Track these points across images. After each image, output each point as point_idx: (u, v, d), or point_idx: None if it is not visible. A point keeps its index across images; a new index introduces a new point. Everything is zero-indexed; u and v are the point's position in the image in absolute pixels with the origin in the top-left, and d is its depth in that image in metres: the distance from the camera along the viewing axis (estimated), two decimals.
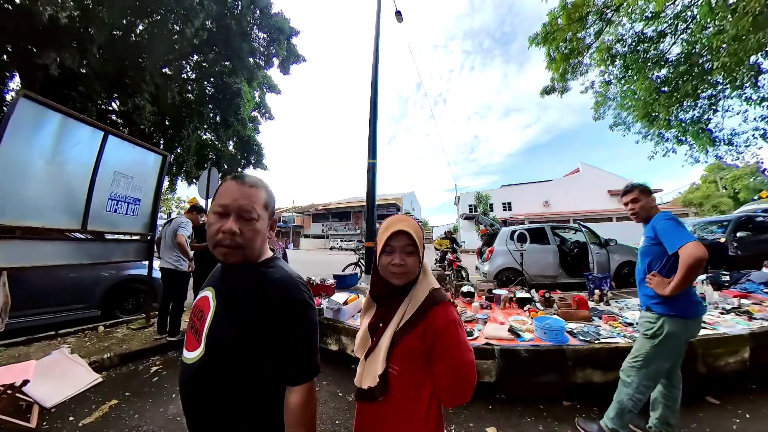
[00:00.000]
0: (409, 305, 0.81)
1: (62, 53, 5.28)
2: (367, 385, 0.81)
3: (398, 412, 0.79)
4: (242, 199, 0.70)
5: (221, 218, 0.69)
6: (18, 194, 2.48)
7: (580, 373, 2.10)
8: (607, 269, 5.34)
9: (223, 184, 0.75)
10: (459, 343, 0.75)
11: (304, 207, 43.55)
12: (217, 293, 0.75)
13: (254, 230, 0.71)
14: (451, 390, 0.75)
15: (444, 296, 0.82)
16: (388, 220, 0.86)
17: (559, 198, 28.15)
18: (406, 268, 0.80)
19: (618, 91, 7.19)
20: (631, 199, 1.69)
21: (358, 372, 0.86)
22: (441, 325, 0.76)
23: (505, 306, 3.40)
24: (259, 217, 0.72)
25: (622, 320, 2.72)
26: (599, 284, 3.85)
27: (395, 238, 0.81)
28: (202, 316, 0.73)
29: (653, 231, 1.59)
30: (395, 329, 0.80)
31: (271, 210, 0.79)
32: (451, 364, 0.74)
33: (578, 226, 5.77)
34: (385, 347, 0.79)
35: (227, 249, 0.68)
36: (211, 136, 10.17)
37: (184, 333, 3.50)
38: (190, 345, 0.74)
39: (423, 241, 0.85)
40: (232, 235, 0.67)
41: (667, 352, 1.55)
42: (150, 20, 6.92)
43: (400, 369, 0.78)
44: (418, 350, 0.77)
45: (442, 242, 7.52)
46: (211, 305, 0.73)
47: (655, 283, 1.55)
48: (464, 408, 2.12)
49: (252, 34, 9.16)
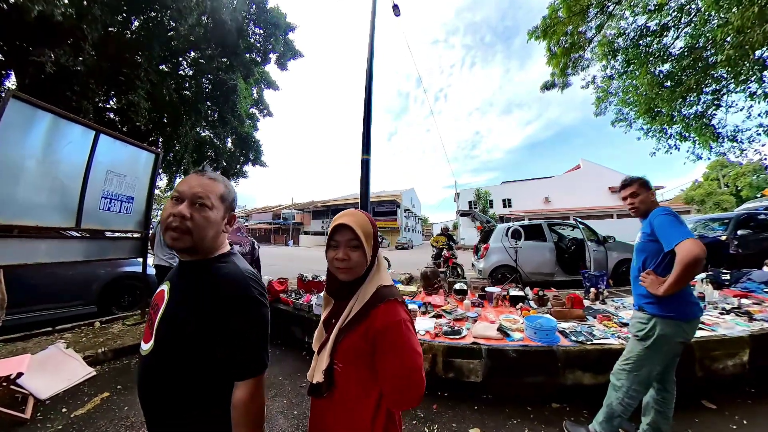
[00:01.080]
0: (356, 302, 0.78)
1: (57, 50, 5.26)
2: (315, 380, 0.80)
3: (345, 409, 0.77)
4: (198, 187, 0.72)
5: (176, 204, 0.70)
6: (12, 194, 2.51)
7: (570, 375, 2.04)
8: (604, 267, 5.29)
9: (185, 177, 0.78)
10: (402, 345, 0.71)
11: (303, 204, 43.53)
12: (172, 287, 0.76)
13: (206, 218, 0.72)
14: (395, 394, 0.71)
15: (392, 293, 0.78)
16: (338, 214, 0.84)
17: (560, 195, 28.05)
18: (350, 263, 0.77)
19: (620, 86, 7.06)
20: (630, 193, 1.61)
21: (311, 366, 0.85)
22: (383, 326, 0.72)
23: (498, 304, 3.35)
24: (213, 206, 0.73)
25: (617, 320, 2.65)
26: (595, 282, 3.79)
27: (339, 232, 0.79)
28: (157, 309, 0.74)
29: (650, 227, 1.51)
30: (340, 326, 0.78)
31: (229, 203, 0.79)
32: (393, 366, 0.70)
33: (576, 222, 5.69)
34: (331, 343, 0.78)
35: (176, 233, 0.69)
36: (210, 134, 10.16)
37: None
38: (145, 338, 0.74)
39: (374, 237, 0.82)
40: (182, 219, 0.68)
41: (658, 356, 1.47)
42: (144, 17, 6.87)
43: (344, 366, 0.76)
44: (361, 349, 0.74)
45: (438, 239, 7.47)
46: (165, 298, 0.74)
47: (649, 282, 1.47)
48: (448, 408, 2.08)
49: (248, 30, 9.11)
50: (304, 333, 3.18)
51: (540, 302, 3.29)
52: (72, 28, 5.45)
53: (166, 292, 0.75)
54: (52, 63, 5.24)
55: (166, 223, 0.69)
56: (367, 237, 0.79)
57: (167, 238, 0.70)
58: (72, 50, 5.57)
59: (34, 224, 2.70)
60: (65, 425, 1.96)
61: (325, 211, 38.42)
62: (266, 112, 11.41)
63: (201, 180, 0.74)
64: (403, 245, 27.57)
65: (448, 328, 2.52)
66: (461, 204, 31.19)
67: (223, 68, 8.71)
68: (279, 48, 9.86)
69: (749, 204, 8.16)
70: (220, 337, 0.67)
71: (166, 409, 0.69)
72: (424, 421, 1.96)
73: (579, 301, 2.96)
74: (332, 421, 0.78)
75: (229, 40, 8.38)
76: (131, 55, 6.79)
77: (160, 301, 0.75)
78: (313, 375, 0.82)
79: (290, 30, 10.05)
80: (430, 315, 2.99)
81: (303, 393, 2.32)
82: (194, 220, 0.70)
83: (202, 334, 0.67)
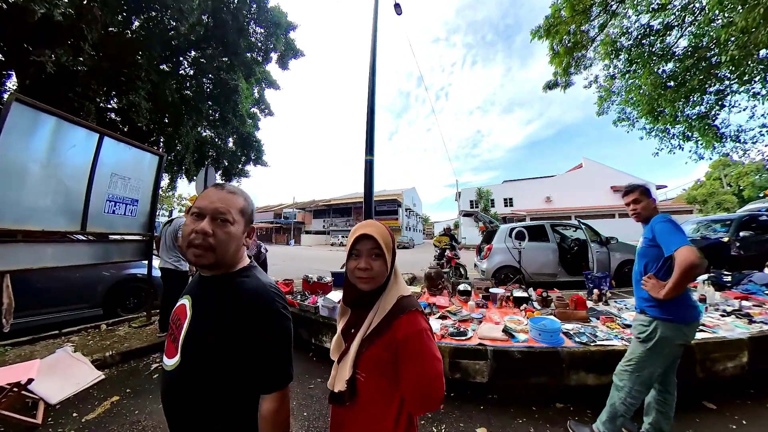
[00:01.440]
0: (377, 313, 0.80)
1: (57, 50, 5.25)
2: (338, 389, 0.81)
3: (366, 417, 0.79)
4: (218, 203, 0.72)
5: (197, 220, 0.70)
6: (16, 198, 2.50)
7: (574, 376, 2.08)
8: (607, 268, 5.30)
9: (204, 190, 0.77)
10: (424, 353, 0.73)
11: (305, 203, 43.55)
12: (194, 301, 0.76)
13: (228, 233, 0.72)
14: (417, 400, 0.74)
15: (412, 304, 0.80)
16: (358, 224, 0.86)
17: (562, 194, 27.99)
18: (372, 273, 0.80)
19: (622, 85, 7.04)
20: (633, 200, 1.68)
21: (331, 375, 0.87)
22: (405, 336, 0.74)
23: (502, 305, 3.38)
24: (234, 221, 0.73)
25: (620, 321, 2.69)
26: (598, 283, 3.82)
27: (361, 242, 0.81)
28: (179, 324, 0.74)
29: (652, 232, 1.57)
30: (362, 337, 0.80)
31: (249, 217, 0.79)
32: (415, 374, 0.73)
33: (578, 223, 5.70)
34: (353, 354, 0.80)
35: (199, 249, 0.68)
36: (211, 133, 10.13)
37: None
38: (169, 352, 0.75)
39: (392, 247, 0.84)
40: (204, 236, 0.68)
41: (659, 357, 1.52)
42: (145, 16, 6.86)
43: (367, 376, 0.78)
44: (384, 359, 0.76)
45: (441, 239, 7.49)
46: (188, 313, 0.74)
47: (650, 286, 1.53)
48: (455, 408, 2.12)
49: (249, 29, 9.06)
50: (311, 335, 3.21)
51: (543, 303, 3.31)
52: (72, 27, 5.44)
53: (188, 307, 0.75)
54: (53, 63, 5.22)
55: (188, 240, 0.69)
56: (387, 247, 0.82)
57: (190, 254, 0.69)
58: (72, 50, 5.57)
59: (39, 228, 2.69)
60: (77, 429, 1.98)
61: (326, 210, 38.45)
62: (267, 112, 11.35)
63: (221, 194, 0.74)
64: (405, 244, 27.59)
65: (453, 330, 2.56)
66: (462, 203, 31.16)
67: (224, 68, 8.69)
68: (280, 47, 9.83)
69: (752, 205, 8.15)
70: (243, 350, 0.68)
71: (191, 422, 0.71)
72: (432, 421, 2.01)
73: (582, 303, 2.99)
74: (354, 428, 0.81)
75: (230, 40, 8.34)
76: (132, 55, 6.79)
77: (183, 316, 0.75)
78: (334, 384, 0.84)
79: (291, 29, 10.02)
80: (436, 316, 3.02)
81: (311, 395, 2.36)
82: (216, 236, 0.70)
83: (226, 348, 0.68)
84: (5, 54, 5.79)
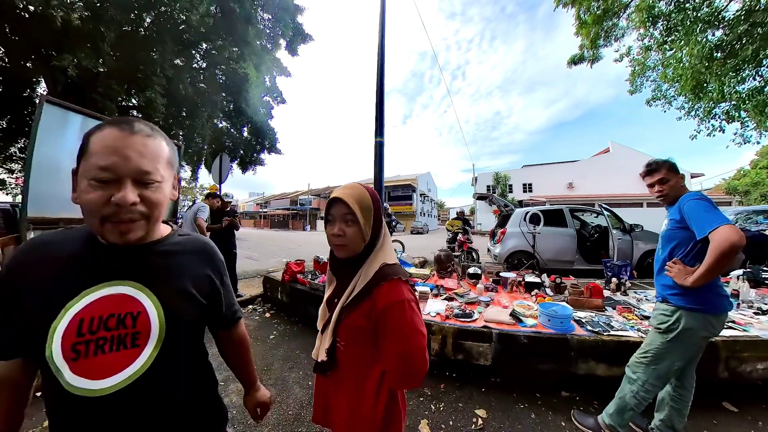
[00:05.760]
0: (359, 281, 0.76)
1: (78, 54, 5.47)
2: (320, 358, 0.80)
3: (347, 386, 0.77)
4: (139, 158, 0.51)
5: (107, 186, 0.49)
6: (55, 191, 2.73)
7: (582, 365, 1.98)
8: (628, 257, 5.01)
9: (98, 133, 0.51)
10: (405, 325, 0.68)
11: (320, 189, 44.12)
12: (145, 283, 0.58)
13: (162, 194, 0.56)
14: (398, 374, 0.70)
15: (395, 272, 0.74)
16: (336, 188, 0.81)
17: (586, 180, 26.59)
18: (345, 240, 0.75)
19: (659, 58, 6.32)
20: (659, 179, 1.46)
21: (315, 345, 0.86)
22: (386, 305, 0.69)
23: (513, 290, 3.28)
24: (163, 178, 0.55)
25: (638, 312, 2.52)
26: (618, 272, 3.60)
27: (334, 206, 0.77)
28: (127, 317, 0.55)
29: (679, 213, 1.38)
30: (342, 305, 0.77)
31: (176, 166, 0.62)
32: (395, 348, 0.68)
33: (600, 209, 5.35)
34: (333, 322, 0.78)
35: (126, 223, 0.51)
36: (226, 124, 10.35)
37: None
38: (113, 365, 0.53)
39: (374, 211, 0.78)
40: (131, 206, 0.51)
41: (680, 350, 1.39)
42: (155, 12, 6.94)
43: (346, 345, 0.77)
44: (363, 328, 0.73)
45: (454, 223, 7.34)
46: (144, 299, 0.57)
47: (676, 272, 1.36)
48: (456, 388, 2.10)
49: (256, 16, 8.99)
50: None
51: (557, 290, 3.19)
52: (90, 31, 5.64)
53: (136, 294, 0.59)
54: (74, 66, 5.46)
55: (105, 214, 0.50)
56: (365, 212, 0.75)
57: (110, 231, 0.51)
58: (92, 53, 5.79)
59: (77, 217, 2.87)
60: None
61: None
62: (279, 100, 11.28)
63: (138, 143, 0.52)
64: (419, 230, 27.49)
65: (459, 311, 2.51)
66: (479, 188, 30.36)
67: (234, 58, 8.72)
68: (288, 33, 9.70)
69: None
70: (214, 300, 0.71)
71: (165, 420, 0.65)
72: (431, 399, 2.00)
73: (598, 291, 2.83)
74: (335, 398, 0.80)
75: (239, 29, 8.35)
76: (146, 52, 6.94)
77: (133, 306, 0.61)
78: (317, 354, 0.82)
79: (299, 13, 9.86)
80: (442, 297, 2.97)
81: None
82: (148, 201, 0.53)
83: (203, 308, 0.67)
84: (33, 62, 6.06)
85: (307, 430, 1.79)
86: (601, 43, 6.37)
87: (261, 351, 2.82)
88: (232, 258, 4.37)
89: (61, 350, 0.49)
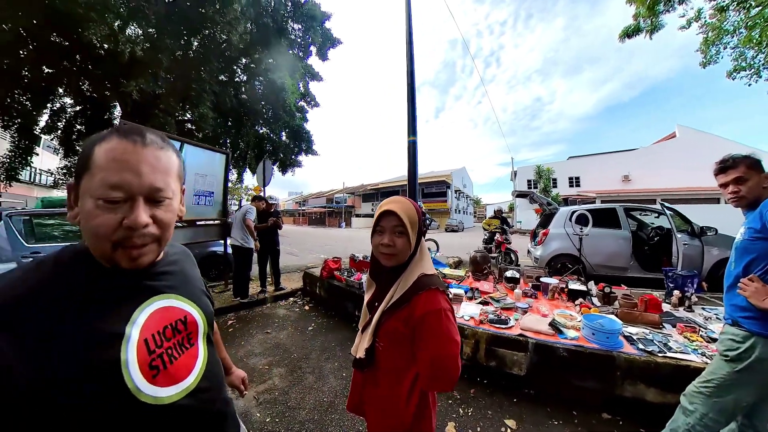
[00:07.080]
0: (398, 288, 0.82)
1: (140, 80, 6.48)
2: (359, 355, 0.88)
3: (383, 384, 0.84)
4: (152, 174, 0.47)
5: (117, 206, 0.45)
6: None
7: (629, 387, 1.83)
8: (697, 266, 4.32)
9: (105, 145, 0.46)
10: (440, 333, 0.74)
11: (354, 188, 45.17)
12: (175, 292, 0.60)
13: (172, 212, 0.53)
14: (430, 378, 0.75)
15: (433, 282, 0.80)
16: (384, 200, 0.86)
17: (645, 172, 23.49)
18: (395, 250, 0.81)
19: (741, 19, 5.12)
20: (736, 178, 1.26)
21: (355, 343, 0.95)
22: (423, 313, 0.75)
23: (554, 297, 3.11)
24: (174, 193, 0.53)
25: (704, 333, 2.22)
26: (682, 284, 3.19)
27: (385, 218, 0.82)
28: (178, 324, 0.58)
29: (761, 220, 1.18)
30: (383, 309, 0.83)
31: (184, 179, 0.59)
32: (429, 354, 0.74)
33: (662, 207, 4.71)
34: (374, 324, 0.84)
35: (138, 248, 0.48)
36: (267, 130, 11.36)
37: (251, 296, 4.07)
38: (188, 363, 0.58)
39: (418, 224, 0.84)
40: (144, 228, 0.47)
41: (751, 384, 1.22)
42: (201, 35, 7.82)
43: (384, 346, 0.83)
44: (401, 333, 0.79)
45: (491, 222, 7.07)
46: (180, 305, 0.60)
47: (752, 291, 1.19)
48: (486, 395, 2.09)
49: (288, 28, 9.81)
50: (355, 307, 3.45)
51: (605, 300, 2.96)
52: (150, 59, 6.61)
53: (184, 306, 0.63)
54: (137, 91, 6.50)
55: (117, 238, 0.46)
56: (412, 224, 0.81)
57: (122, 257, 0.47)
58: (150, 78, 6.80)
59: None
60: None
61: (375, 194, 39.46)
62: (313, 104, 12.08)
63: (149, 155, 0.48)
64: (453, 227, 26.88)
65: (494, 317, 2.46)
66: (519, 183, 28.57)
67: (270, 69, 9.50)
68: (318, 39, 10.32)
69: None
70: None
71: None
72: (460, 403, 2.02)
73: (656, 305, 2.57)
74: (371, 392, 0.88)
75: (273, 41, 9.16)
76: (196, 71, 7.93)
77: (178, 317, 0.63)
78: (357, 351, 0.91)
79: (326, 19, 10.38)
80: (477, 301, 2.93)
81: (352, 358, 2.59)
82: (160, 222, 0.50)
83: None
84: (109, 90, 7.26)
85: (339, 417, 1.93)
86: (661, 8, 5.24)
87: (300, 341, 3.05)
88: (276, 254, 4.75)
89: (141, 374, 0.48)
